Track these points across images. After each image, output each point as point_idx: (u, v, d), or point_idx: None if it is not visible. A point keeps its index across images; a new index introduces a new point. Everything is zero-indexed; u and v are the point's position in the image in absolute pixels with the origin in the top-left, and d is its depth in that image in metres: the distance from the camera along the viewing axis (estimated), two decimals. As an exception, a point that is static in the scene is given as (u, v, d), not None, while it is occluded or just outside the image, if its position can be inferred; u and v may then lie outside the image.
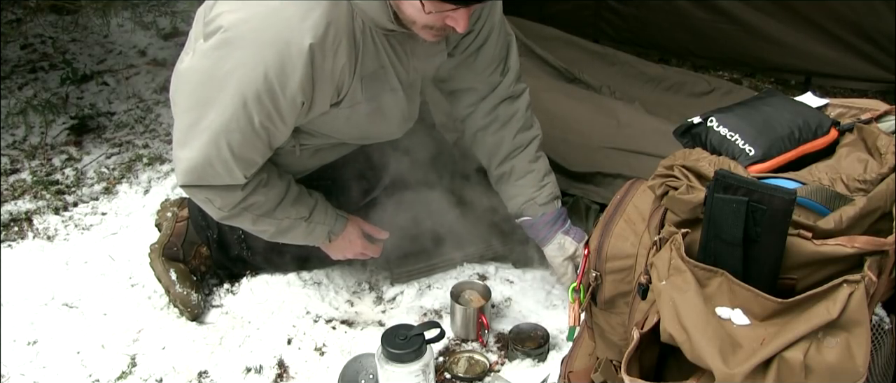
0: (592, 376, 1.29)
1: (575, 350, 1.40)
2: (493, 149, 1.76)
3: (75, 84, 3.11)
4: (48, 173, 2.50)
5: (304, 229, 1.64)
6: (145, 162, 2.56)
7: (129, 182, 2.46)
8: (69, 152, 2.63)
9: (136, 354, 1.74)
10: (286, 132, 1.46)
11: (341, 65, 1.36)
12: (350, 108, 1.46)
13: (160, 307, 1.88)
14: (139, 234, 2.15)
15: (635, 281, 1.08)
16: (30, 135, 2.73)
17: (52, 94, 3.02)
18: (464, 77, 1.70)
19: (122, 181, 2.46)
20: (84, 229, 2.22)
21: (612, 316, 1.19)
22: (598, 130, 2.37)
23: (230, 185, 1.48)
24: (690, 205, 0.98)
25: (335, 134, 1.58)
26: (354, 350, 1.72)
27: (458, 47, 1.62)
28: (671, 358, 1.02)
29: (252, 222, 1.58)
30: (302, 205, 1.61)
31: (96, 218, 2.28)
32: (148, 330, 1.81)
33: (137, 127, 2.83)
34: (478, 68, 1.68)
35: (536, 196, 1.74)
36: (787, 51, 2.92)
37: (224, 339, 1.77)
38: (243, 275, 1.96)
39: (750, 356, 0.86)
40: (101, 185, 2.44)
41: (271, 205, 1.56)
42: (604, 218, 1.18)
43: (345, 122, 1.51)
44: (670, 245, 0.98)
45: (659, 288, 0.96)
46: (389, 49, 1.44)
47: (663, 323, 0.93)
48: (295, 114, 1.40)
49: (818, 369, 0.84)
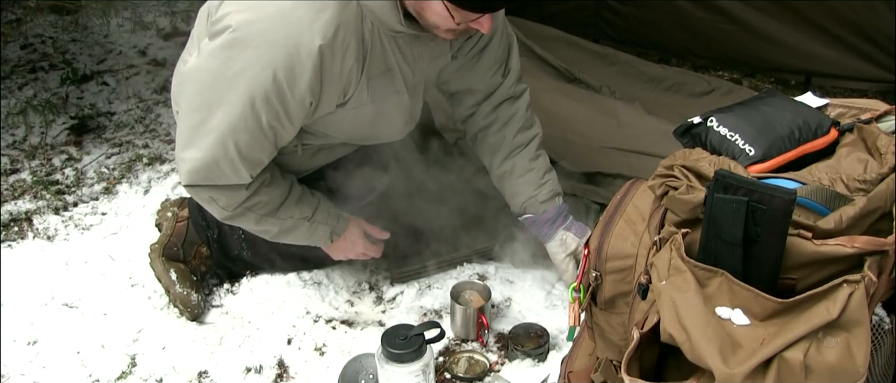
0: (592, 376, 1.29)
1: (575, 350, 1.40)
2: (494, 148, 1.77)
3: (75, 84, 3.12)
4: (48, 173, 2.50)
5: (307, 229, 1.64)
6: (145, 162, 2.56)
7: (129, 182, 2.46)
8: (69, 152, 2.63)
9: (135, 354, 1.74)
10: (293, 132, 1.46)
11: (349, 66, 1.36)
12: (355, 110, 1.46)
13: (160, 307, 1.88)
14: (139, 234, 2.15)
15: (635, 281, 1.08)
16: (30, 135, 2.73)
17: (52, 93, 3.03)
18: (466, 79, 1.71)
19: (121, 181, 2.46)
20: (84, 229, 2.22)
21: (611, 316, 1.19)
22: (599, 130, 2.37)
23: (235, 185, 1.48)
24: (690, 205, 0.98)
25: (338, 134, 1.59)
26: (354, 350, 1.72)
27: (462, 50, 1.62)
28: (671, 357, 1.02)
29: (255, 222, 1.58)
30: (305, 205, 1.62)
31: (96, 218, 2.28)
32: (148, 330, 1.81)
33: (137, 127, 2.83)
34: (480, 70, 1.69)
35: (537, 194, 1.75)
36: (787, 51, 2.92)
37: (224, 339, 1.77)
38: (243, 274, 1.96)
39: (750, 356, 0.86)
40: (102, 185, 2.44)
41: (275, 204, 1.56)
42: (604, 217, 1.18)
43: (349, 123, 1.51)
44: (670, 245, 0.98)
45: (659, 288, 0.96)
46: (397, 51, 1.44)
47: (663, 324, 0.93)
48: (303, 114, 1.41)
49: (818, 369, 0.84)
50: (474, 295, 1.82)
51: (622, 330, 1.17)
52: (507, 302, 1.89)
